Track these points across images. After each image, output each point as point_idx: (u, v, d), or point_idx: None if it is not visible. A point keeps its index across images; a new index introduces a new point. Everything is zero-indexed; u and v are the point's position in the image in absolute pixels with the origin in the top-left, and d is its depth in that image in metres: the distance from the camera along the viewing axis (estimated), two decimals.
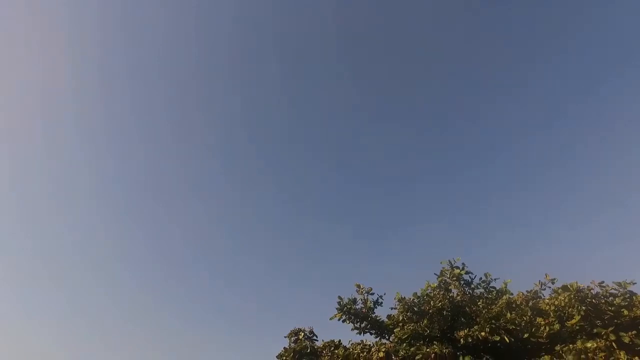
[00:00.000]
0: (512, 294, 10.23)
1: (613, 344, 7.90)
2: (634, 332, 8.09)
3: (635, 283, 9.59)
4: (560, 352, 7.92)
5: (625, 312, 8.71)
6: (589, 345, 7.72)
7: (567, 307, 8.86)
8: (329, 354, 8.93)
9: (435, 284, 9.86)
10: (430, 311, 9.08)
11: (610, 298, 9.22)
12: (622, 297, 9.07)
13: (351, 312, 10.03)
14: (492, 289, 10.73)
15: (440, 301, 9.14)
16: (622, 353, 7.63)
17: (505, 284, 10.76)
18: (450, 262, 10.12)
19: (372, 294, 10.22)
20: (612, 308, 8.87)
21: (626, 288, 9.31)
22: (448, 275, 9.88)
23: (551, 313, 9.07)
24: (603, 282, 8.92)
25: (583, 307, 8.57)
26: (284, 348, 9.64)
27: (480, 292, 10.66)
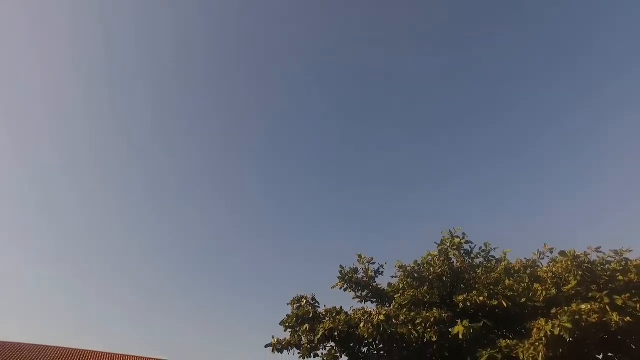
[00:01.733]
0: (511, 263, 10.49)
1: (607, 306, 8.12)
2: (627, 295, 8.32)
3: (632, 251, 9.81)
4: (556, 314, 8.13)
5: (620, 277, 8.96)
6: (583, 307, 7.94)
7: (564, 273, 9.06)
8: (331, 319, 9.22)
9: (436, 253, 10.08)
10: (430, 277, 9.34)
11: (607, 266, 9.46)
12: (617, 263, 9.33)
13: (352, 281, 10.35)
14: (491, 258, 10.98)
15: (440, 267, 9.39)
16: (614, 314, 7.86)
17: (505, 253, 10.99)
18: (450, 232, 10.31)
19: (373, 263, 10.52)
20: (608, 273, 9.12)
21: (622, 255, 9.53)
22: (448, 244, 10.08)
23: (548, 280, 9.27)
24: (600, 247, 9.08)
25: (579, 273, 8.75)
26: (287, 315, 9.96)
27: (480, 262, 10.93)
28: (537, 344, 7.78)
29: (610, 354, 9.56)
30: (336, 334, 8.93)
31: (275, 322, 10.18)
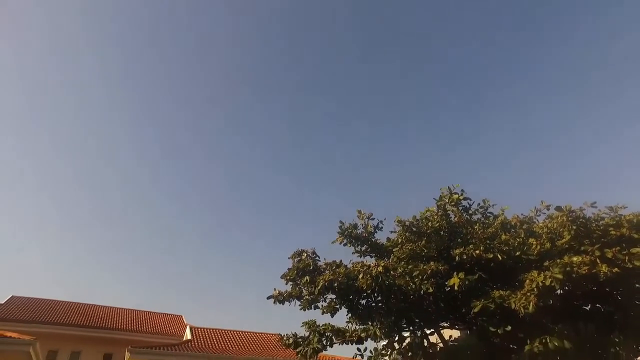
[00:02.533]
0: (507, 219, 10.68)
1: (597, 259, 8.29)
2: (618, 248, 8.48)
3: (627, 207, 9.97)
4: (548, 266, 8.35)
5: (613, 231, 9.13)
6: (574, 259, 8.13)
7: (559, 228, 9.22)
8: (331, 271, 9.53)
9: (434, 209, 10.25)
10: (428, 232, 9.54)
11: (601, 221, 9.63)
12: (611, 218, 9.50)
13: (352, 236, 10.57)
14: (489, 215, 11.18)
15: (438, 222, 9.58)
16: (604, 266, 8.05)
17: (503, 210, 11.14)
18: (449, 188, 10.40)
19: (373, 219, 10.69)
20: (601, 227, 9.29)
21: (617, 212, 9.69)
22: (447, 200, 10.23)
23: (543, 235, 9.45)
24: (595, 203, 9.16)
25: (574, 227, 8.88)
26: (288, 268, 10.31)
27: (478, 218, 11.14)
28: (528, 294, 8.02)
29: (597, 305, 9.94)
30: (335, 285, 9.26)
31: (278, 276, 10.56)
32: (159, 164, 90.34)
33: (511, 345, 9.40)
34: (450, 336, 10.91)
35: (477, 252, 8.92)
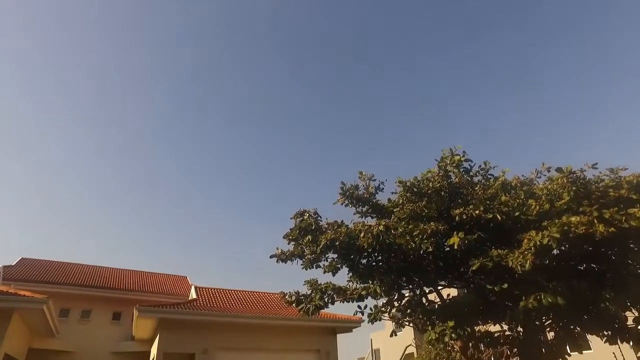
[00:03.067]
0: (508, 180, 10.72)
1: (595, 219, 8.39)
2: (615, 208, 8.56)
3: (627, 169, 9.98)
4: (547, 226, 8.46)
5: (612, 192, 9.19)
6: (573, 219, 8.23)
7: (558, 189, 9.27)
8: (333, 230, 9.68)
9: (435, 170, 10.27)
10: (429, 192, 9.60)
11: (601, 183, 9.67)
12: (611, 180, 9.54)
13: (353, 197, 10.63)
14: (490, 176, 11.21)
15: (438, 183, 9.62)
16: (601, 226, 8.15)
17: (503, 172, 11.17)
18: (451, 150, 10.37)
19: (374, 180, 10.72)
20: (600, 189, 9.35)
21: (617, 174, 9.71)
22: (448, 162, 10.23)
23: (543, 196, 9.51)
24: (596, 164, 9.16)
25: (573, 188, 8.92)
26: (290, 228, 10.46)
27: (479, 180, 11.19)
28: (525, 252, 8.18)
29: (592, 265, 10.15)
30: (337, 244, 9.42)
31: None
32: (169, 124, 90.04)
33: (507, 302, 9.67)
34: (449, 294, 11.20)
35: (477, 212, 9.01)
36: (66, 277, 24.63)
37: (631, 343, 9.89)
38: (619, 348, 15.95)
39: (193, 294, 21.24)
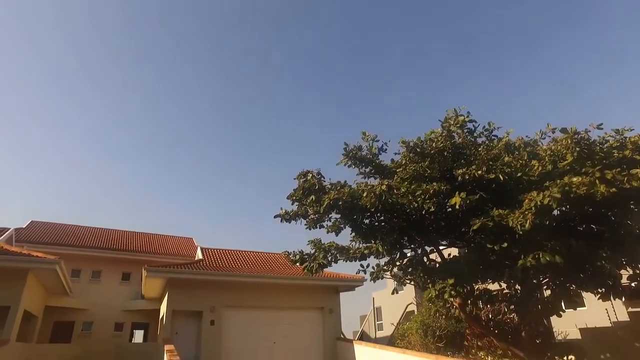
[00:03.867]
0: (511, 140, 10.68)
1: (597, 180, 8.38)
2: (618, 169, 8.55)
3: (633, 129, 9.88)
4: (548, 186, 8.46)
5: (616, 153, 9.17)
6: (574, 180, 8.22)
7: (562, 150, 9.23)
8: (336, 190, 9.77)
9: (439, 130, 10.22)
10: (432, 152, 9.60)
11: (605, 144, 9.61)
12: (615, 140, 9.47)
13: (357, 158, 10.64)
14: (493, 137, 11.16)
15: (442, 143, 9.60)
16: (602, 186, 8.15)
17: (508, 133, 11.09)
18: (455, 110, 10.27)
19: (377, 141, 10.71)
20: (605, 149, 9.31)
21: (623, 134, 9.63)
22: (452, 122, 10.16)
23: (546, 157, 9.48)
24: (601, 124, 9.05)
25: (577, 149, 8.88)
26: (294, 189, 10.56)
27: (482, 141, 11.15)
28: (526, 212, 8.23)
29: (592, 226, 10.27)
30: (340, 203, 9.54)
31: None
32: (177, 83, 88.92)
33: (506, 262, 9.88)
34: (449, 254, 11.45)
35: (480, 172, 9.02)
36: (75, 239, 25.21)
37: (623, 299, 10.21)
38: (612, 304, 16.43)
39: (199, 255, 21.78)
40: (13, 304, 14.58)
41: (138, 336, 25.03)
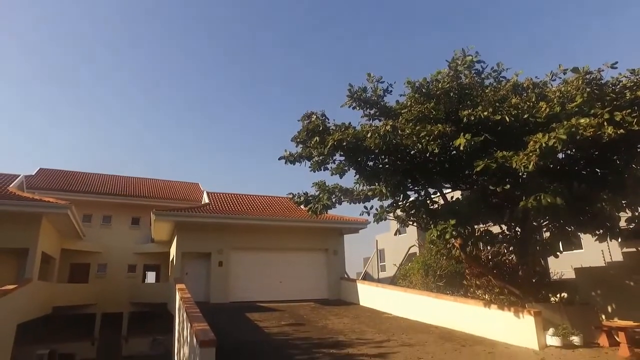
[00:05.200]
0: (520, 81, 10.40)
1: (605, 122, 8.25)
2: (628, 110, 8.38)
3: None
4: (554, 128, 8.34)
5: (628, 94, 8.93)
6: (582, 121, 8.07)
7: (572, 91, 8.99)
8: (340, 132, 9.71)
9: (446, 70, 9.94)
10: (438, 93, 9.39)
11: (619, 85, 9.32)
12: (629, 80, 9.17)
13: (361, 99, 10.43)
14: (501, 79, 10.86)
15: (448, 83, 9.37)
16: (610, 128, 8.03)
17: (517, 74, 10.76)
18: (463, 50, 9.88)
19: (382, 82, 10.41)
20: (617, 90, 9.05)
21: (638, 75, 9.30)
22: (459, 62, 9.84)
23: (555, 99, 9.27)
24: (616, 63, 8.70)
25: (587, 90, 8.64)
26: (298, 131, 10.50)
27: (490, 82, 10.87)
28: (530, 154, 8.19)
29: (596, 169, 10.25)
30: (344, 144, 9.52)
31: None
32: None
33: (507, 204, 9.99)
34: (452, 197, 11.58)
35: (486, 113, 8.88)
36: (84, 185, 25.70)
37: (619, 240, 10.44)
38: (608, 246, 16.86)
39: (205, 199, 22.25)
40: (31, 246, 15.25)
41: (150, 277, 26.26)
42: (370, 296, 16.53)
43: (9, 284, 13.22)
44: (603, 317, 10.38)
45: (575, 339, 9.11)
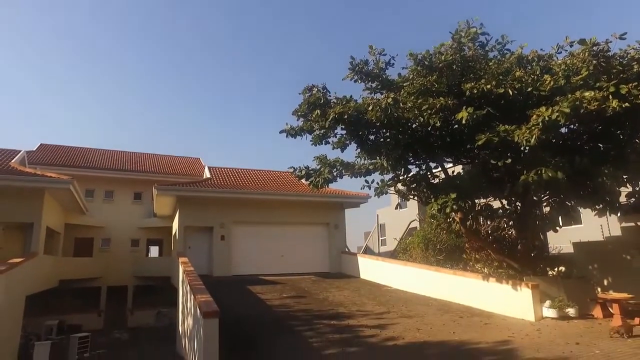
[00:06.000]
0: (525, 54, 10.19)
1: (610, 95, 8.11)
2: (635, 83, 8.23)
3: None
4: (558, 101, 8.22)
5: (635, 66, 8.74)
6: (586, 94, 7.94)
7: (578, 64, 8.81)
8: (341, 105, 9.60)
9: (450, 42, 9.73)
10: (441, 65, 9.22)
11: (626, 58, 9.11)
12: (637, 52, 8.96)
13: (363, 72, 10.27)
14: (506, 52, 10.65)
15: (451, 56, 9.18)
16: (614, 101, 7.89)
17: (521, 47, 10.53)
18: (467, 22, 9.67)
19: (384, 54, 10.22)
20: (624, 62, 8.86)
21: None
22: (463, 34, 9.62)
23: (560, 72, 9.10)
24: (625, 34, 8.44)
25: (594, 62, 8.45)
26: (299, 104, 10.38)
27: (494, 55, 10.66)
28: (533, 127, 8.11)
29: (599, 144, 10.16)
30: (345, 117, 9.43)
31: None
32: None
33: (508, 178, 9.98)
34: (453, 171, 11.58)
35: (489, 86, 8.75)
36: (86, 161, 25.67)
37: (619, 214, 10.48)
38: (607, 221, 16.96)
39: (207, 174, 22.28)
40: (35, 220, 15.40)
41: (153, 251, 26.62)
42: (371, 269, 16.79)
43: (16, 258, 13.43)
44: (599, 290, 10.54)
45: (571, 311, 9.30)
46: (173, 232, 20.79)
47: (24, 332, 13.78)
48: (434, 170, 11.31)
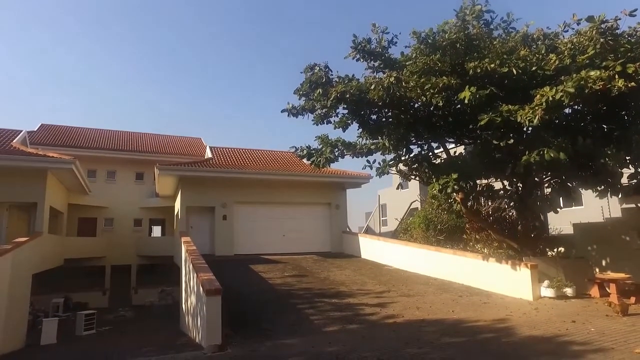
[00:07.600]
0: (530, 32, 10.01)
1: (616, 75, 7.96)
2: None
3: None
4: (563, 81, 8.10)
5: None
6: (592, 74, 7.79)
7: (584, 42, 8.64)
8: (343, 84, 9.51)
9: (453, 20, 9.54)
10: (444, 44, 9.05)
11: (635, 36, 8.91)
12: None
13: (365, 51, 10.08)
14: (511, 30, 10.45)
15: (455, 34, 9.01)
16: (620, 81, 7.73)
17: (527, 25, 10.33)
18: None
19: (387, 33, 10.03)
20: (632, 40, 8.67)
21: None
22: (468, 12, 9.42)
23: (565, 51, 8.94)
24: (635, 10, 8.21)
25: (601, 40, 8.27)
26: (301, 83, 10.28)
27: (499, 34, 10.47)
28: (536, 107, 8.00)
29: (603, 125, 10.07)
30: (347, 96, 9.35)
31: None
32: None
33: (510, 159, 9.94)
34: (455, 152, 11.54)
35: (492, 66, 8.61)
36: (87, 141, 25.64)
37: (620, 196, 10.48)
38: (608, 203, 16.98)
39: (208, 153, 22.27)
40: (39, 200, 15.52)
41: (156, 231, 26.86)
42: (372, 249, 16.94)
43: (22, 237, 13.59)
44: (597, 270, 10.64)
45: (568, 291, 9.42)
46: (175, 212, 20.92)
47: (32, 309, 14.06)
48: (435, 151, 11.27)
